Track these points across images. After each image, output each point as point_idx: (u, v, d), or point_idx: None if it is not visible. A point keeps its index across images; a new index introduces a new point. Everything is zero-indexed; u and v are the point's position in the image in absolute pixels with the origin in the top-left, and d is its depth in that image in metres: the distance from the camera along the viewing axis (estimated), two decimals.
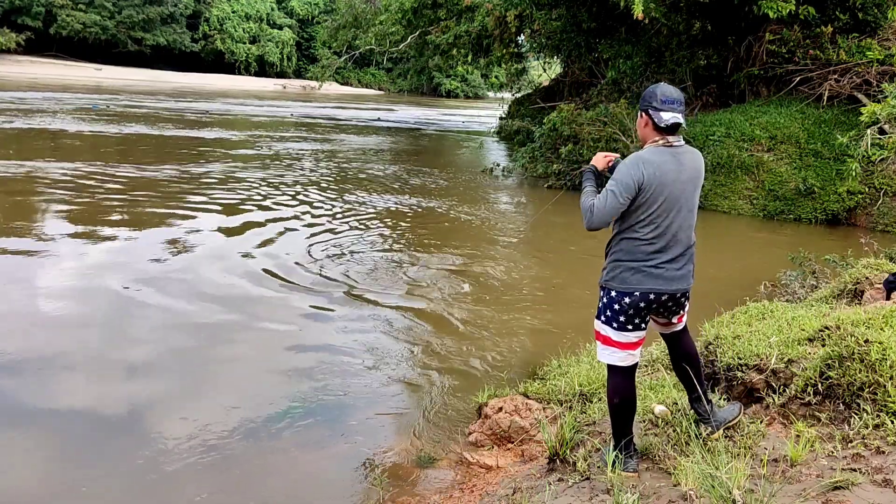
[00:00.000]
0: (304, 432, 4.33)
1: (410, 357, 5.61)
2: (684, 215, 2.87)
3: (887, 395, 2.79)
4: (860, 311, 3.49)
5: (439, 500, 3.55)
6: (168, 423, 4.31)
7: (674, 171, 2.84)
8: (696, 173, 2.91)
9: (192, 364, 5.30)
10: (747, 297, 6.08)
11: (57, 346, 5.37)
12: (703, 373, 3.17)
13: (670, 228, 2.84)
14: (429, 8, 21.58)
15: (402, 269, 8.09)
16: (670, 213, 2.84)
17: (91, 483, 3.69)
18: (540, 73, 30.29)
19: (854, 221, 12.31)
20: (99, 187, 11.50)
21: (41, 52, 55.05)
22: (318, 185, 13.49)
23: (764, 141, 13.29)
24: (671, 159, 2.85)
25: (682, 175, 2.85)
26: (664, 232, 2.84)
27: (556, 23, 17.83)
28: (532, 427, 3.97)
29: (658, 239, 2.84)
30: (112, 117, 23.50)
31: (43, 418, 4.32)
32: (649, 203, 2.80)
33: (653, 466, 3.00)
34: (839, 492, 2.41)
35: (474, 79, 69.59)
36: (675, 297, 2.89)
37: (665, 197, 2.81)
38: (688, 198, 2.87)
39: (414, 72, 34.77)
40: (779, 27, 14.53)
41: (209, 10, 65.72)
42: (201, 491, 3.67)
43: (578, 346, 5.33)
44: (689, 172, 2.88)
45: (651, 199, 2.80)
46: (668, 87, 2.90)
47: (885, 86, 10.81)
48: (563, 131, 14.60)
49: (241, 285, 7.13)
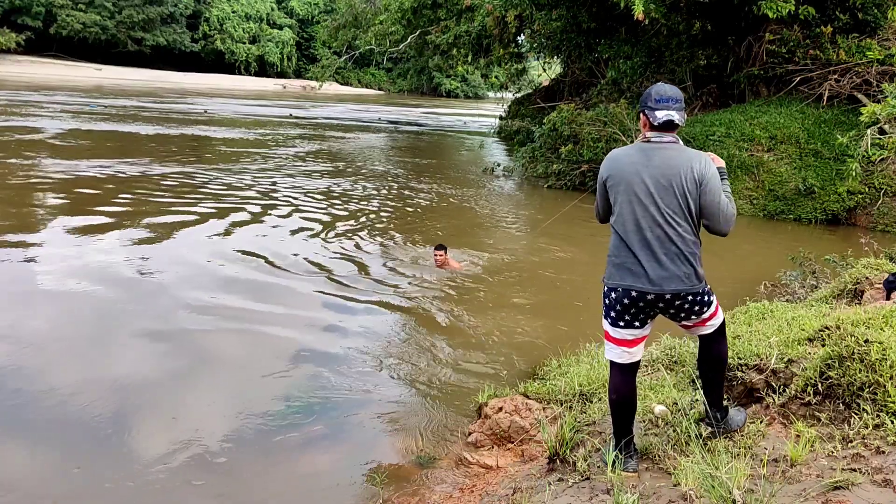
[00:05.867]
0: (303, 433, 4.33)
1: (410, 357, 5.61)
2: (653, 212, 2.80)
3: (887, 395, 2.79)
4: (860, 311, 3.49)
5: (439, 500, 3.55)
6: (167, 426, 4.29)
7: (634, 165, 2.85)
8: (668, 171, 2.79)
9: (191, 365, 5.30)
10: (747, 297, 6.09)
11: (53, 347, 5.37)
12: (724, 382, 3.13)
13: (635, 224, 2.83)
14: (429, 8, 21.59)
15: (402, 269, 8.09)
16: (630, 207, 2.84)
17: (88, 489, 3.67)
18: (540, 73, 30.31)
19: (854, 221, 12.31)
20: (99, 186, 11.50)
21: (41, 52, 55.06)
22: (317, 185, 13.48)
23: (764, 141, 13.30)
24: (638, 154, 2.87)
25: (645, 170, 2.82)
26: (630, 227, 2.84)
27: (556, 23, 17.83)
28: (532, 427, 3.97)
29: (626, 234, 2.86)
30: (112, 117, 23.49)
31: (36, 424, 4.26)
32: (613, 196, 2.93)
33: (653, 466, 3.00)
34: (839, 492, 2.41)
35: (474, 79, 69.53)
36: (663, 297, 2.80)
37: (622, 189, 2.87)
38: (658, 194, 2.79)
39: (414, 72, 34.83)
40: (779, 27, 14.54)
41: (209, 10, 65.73)
42: (201, 492, 3.67)
43: (578, 347, 5.33)
44: (660, 169, 2.80)
45: (613, 192, 2.93)
46: (663, 86, 2.90)
47: (885, 86, 10.81)
48: (563, 131, 14.60)
49: (239, 284, 7.13)
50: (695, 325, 2.97)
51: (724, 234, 2.91)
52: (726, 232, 2.89)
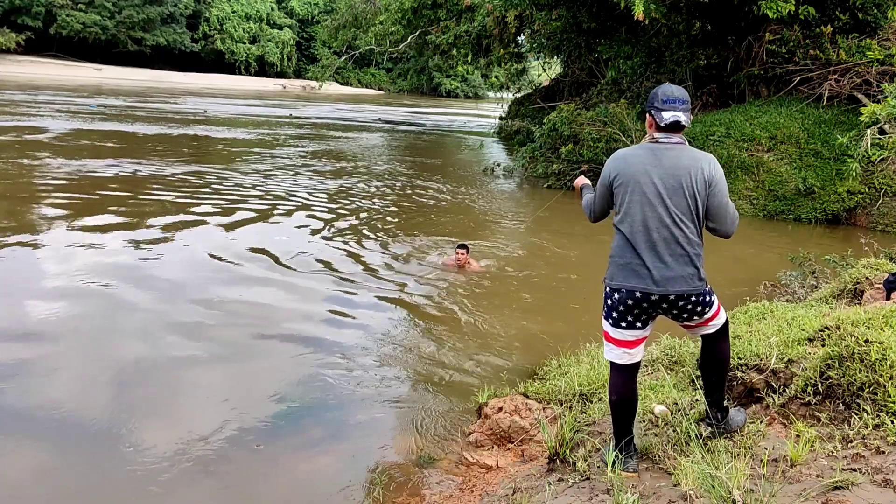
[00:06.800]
0: (303, 433, 4.32)
1: (410, 356, 5.61)
2: (661, 213, 2.81)
3: (887, 395, 2.79)
4: (860, 311, 3.49)
5: (439, 500, 3.55)
6: (166, 426, 4.28)
7: (643, 165, 2.85)
8: (678, 172, 2.81)
9: (191, 364, 5.30)
10: (747, 297, 6.09)
11: (49, 346, 5.37)
12: (725, 383, 3.13)
13: (643, 224, 2.83)
14: (429, 8, 21.58)
15: (401, 268, 8.09)
16: (639, 208, 2.84)
17: (88, 489, 3.66)
18: (540, 73, 30.31)
19: (854, 221, 12.31)
20: (100, 186, 11.51)
21: (41, 52, 55.05)
22: (319, 184, 13.48)
23: (764, 141, 13.30)
24: (647, 154, 2.87)
25: (655, 170, 2.83)
26: (637, 228, 2.84)
27: (556, 23, 17.82)
28: (532, 427, 3.97)
29: (633, 235, 2.85)
30: (112, 117, 23.50)
31: (31, 424, 4.24)
32: (620, 196, 2.92)
33: (653, 466, 3.00)
34: (839, 492, 2.41)
35: (474, 79, 69.62)
36: (667, 298, 2.81)
37: (631, 189, 2.86)
38: (667, 195, 2.80)
39: (414, 72, 34.79)
40: (779, 27, 14.54)
41: (209, 10, 65.71)
42: (200, 493, 3.67)
43: (578, 347, 5.33)
44: (668, 170, 2.82)
45: (619, 192, 2.92)
46: (670, 86, 2.91)
47: (885, 86, 10.83)
48: (563, 131, 14.60)
49: (242, 283, 7.13)
50: (697, 326, 2.97)
51: (728, 235, 2.94)
52: (731, 233, 2.93)
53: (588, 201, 3.26)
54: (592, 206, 3.18)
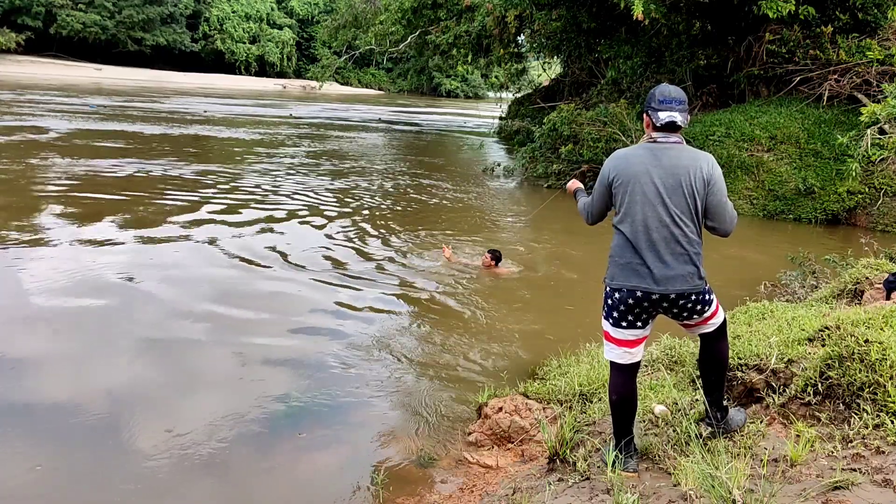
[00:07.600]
0: (303, 432, 4.32)
1: (410, 356, 5.61)
2: (661, 212, 2.82)
3: (887, 395, 2.79)
4: (860, 311, 3.50)
5: (439, 500, 3.55)
6: (166, 427, 4.28)
7: (643, 165, 2.86)
8: (677, 171, 2.82)
9: (191, 364, 5.30)
10: (747, 297, 6.09)
11: (50, 345, 5.37)
12: (724, 382, 3.13)
13: (643, 224, 2.83)
14: (429, 8, 21.58)
15: (401, 268, 8.10)
16: (639, 208, 2.84)
17: (87, 492, 3.65)
18: (540, 73, 30.30)
19: (854, 221, 12.31)
20: (101, 185, 11.51)
21: (41, 52, 55.03)
22: (320, 183, 13.48)
23: (764, 141, 13.30)
24: (646, 154, 2.88)
25: (654, 170, 2.83)
26: (638, 228, 2.84)
27: (556, 23, 17.82)
28: (532, 427, 3.97)
29: (634, 235, 2.86)
30: (112, 117, 23.50)
31: (34, 426, 4.23)
32: (620, 196, 2.92)
33: (653, 466, 3.00)
34: (839, 492, 2.41)
35: (474, 79, 69.61)
36: (667, 297, 2.82)
37: (630, 189, 2.86)
38: (667, 194, 2.81)
39: (414, 72, 34.82)
40: (779, 27, 14.54)
41: (209, 10, 65.69)
42: (201, 492, 3.67)
43: (579, 346, 5.32)
44: (668, 169, 2.83)
45: (619, 192, 2.92)
46: (667, 87, 2.92)
47: (885, 86, 10.83)
48: (563, 131, 14.60)
49: (244, 282, 7.13)
50: (696, 325, 2.98)
51: (727, 234, 2.95)
52: (730, 232, 2.95)
53: (585, 204, 3.23)
54: (590, 209, 3.17)
